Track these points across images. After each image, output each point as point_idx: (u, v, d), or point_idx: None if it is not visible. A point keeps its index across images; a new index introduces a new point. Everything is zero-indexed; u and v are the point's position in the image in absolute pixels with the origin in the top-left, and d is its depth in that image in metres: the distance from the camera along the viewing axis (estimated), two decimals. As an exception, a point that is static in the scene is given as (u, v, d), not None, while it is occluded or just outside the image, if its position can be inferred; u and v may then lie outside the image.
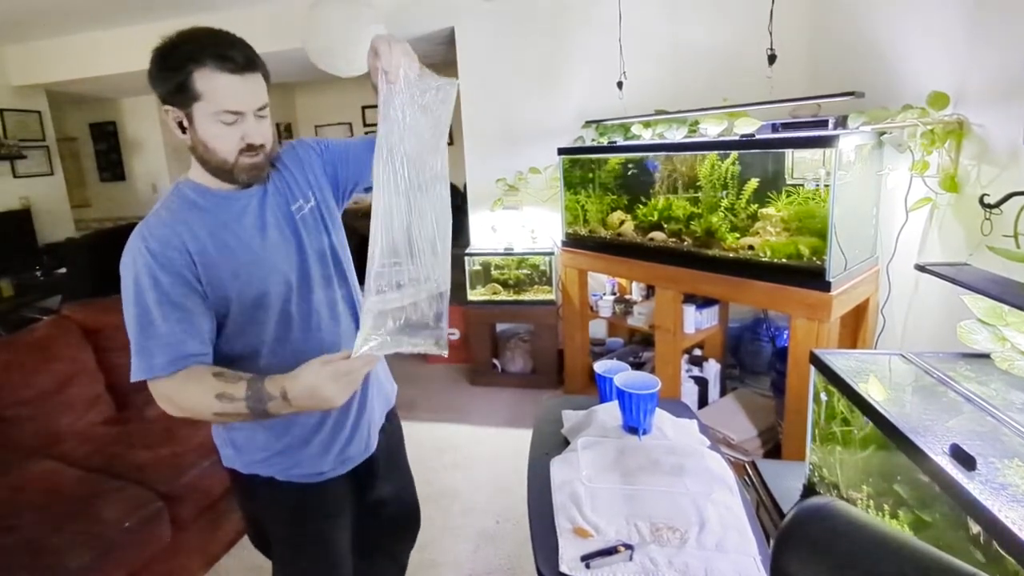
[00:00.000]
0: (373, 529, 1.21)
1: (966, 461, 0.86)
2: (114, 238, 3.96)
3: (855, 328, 2.15)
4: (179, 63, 0.84)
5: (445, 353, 0.86)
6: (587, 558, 0.88)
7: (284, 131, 6.89)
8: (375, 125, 0.89)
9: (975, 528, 0.83)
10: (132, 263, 0.87)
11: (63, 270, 3.79)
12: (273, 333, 0.94)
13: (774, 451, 2.25)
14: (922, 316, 1.93)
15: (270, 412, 0.81)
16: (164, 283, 0.85)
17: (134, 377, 0.86)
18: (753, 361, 2.86)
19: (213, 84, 0.84)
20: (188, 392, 0.84)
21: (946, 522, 0.92)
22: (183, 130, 0.88)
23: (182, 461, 1.73)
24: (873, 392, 1.13)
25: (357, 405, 1.05)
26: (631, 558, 0.88)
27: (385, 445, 1.15)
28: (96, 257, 3.65)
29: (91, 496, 1.55)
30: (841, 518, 0.48)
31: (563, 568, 0.87)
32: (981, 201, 1.15)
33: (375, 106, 0.89)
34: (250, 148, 0.88)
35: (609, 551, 0.89)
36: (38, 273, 3.84)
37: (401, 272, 0.83)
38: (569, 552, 0.90)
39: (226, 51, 0.85)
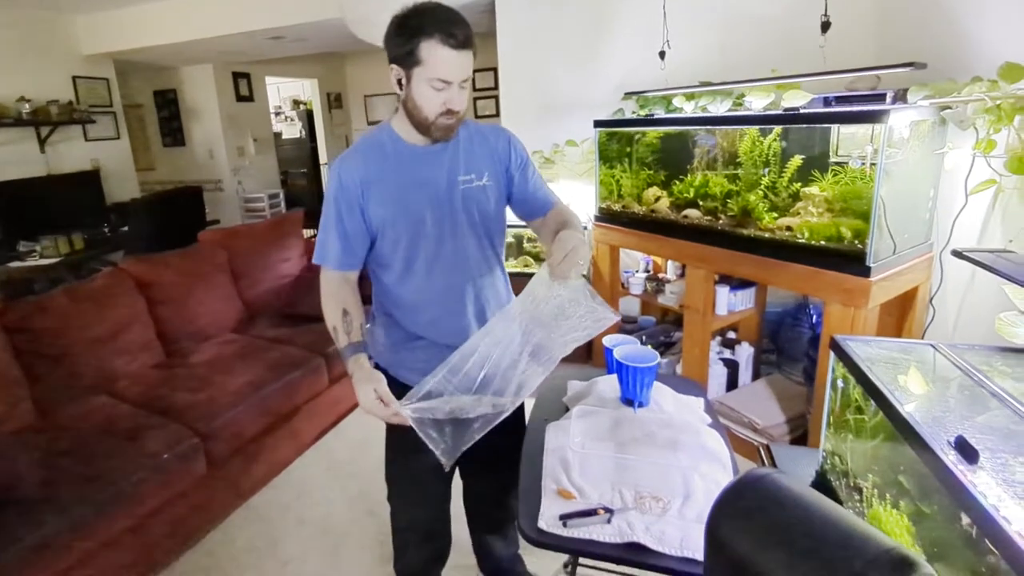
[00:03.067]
0: (474, 464, 1.30)
1: (969, 453, 0.84)
2: (172, 200, 4.27)
3: (900, 318, 2.04)
4: (412, 33, 0.99)
5: (444, 463, 0.97)
6: (565, 517, 0.92)
7: (334, 100, 7.07)
8: None
9: (966, 520, 0.81)
10: (331, 179, 1.13)
11: (126, 228, 4.12)
12: (403, 262, 1.15)
13: (801, 439, 2.20)
14: (977, 308, 1.81)
15: (345, 366, 1.10)
16: (342, 205, 1.11)
17: (313, 260, 1.16)
18: (791, 347, 2.76)
19: (434, 55, 0.99)
20: (326, 302, 1.13)
21: (943, 515, 0.90)
22: (400, 87, 1.06)
23: (217, 404, 1.90)
24: (896, 381, 1.09)
25: (450, 344, 1.16)
26: (609, 521, 0.91)
27: None
28: (155, 216, 3.94)
29: (139, 429, 1.74)
30: (777, 489, 0.49)
31: (541, 524, 0.91)
32: None
33: None
34: (449, 112, 1.05)
35: (588, 512, 0.92)
36: (106, 229, 4.19)
37: (448, 389, 0.99)
38: (550, 511, 0.94)
39: (451, 28, 0.99)
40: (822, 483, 1.37)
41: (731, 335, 2.76)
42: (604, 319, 0.98)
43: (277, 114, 7.32)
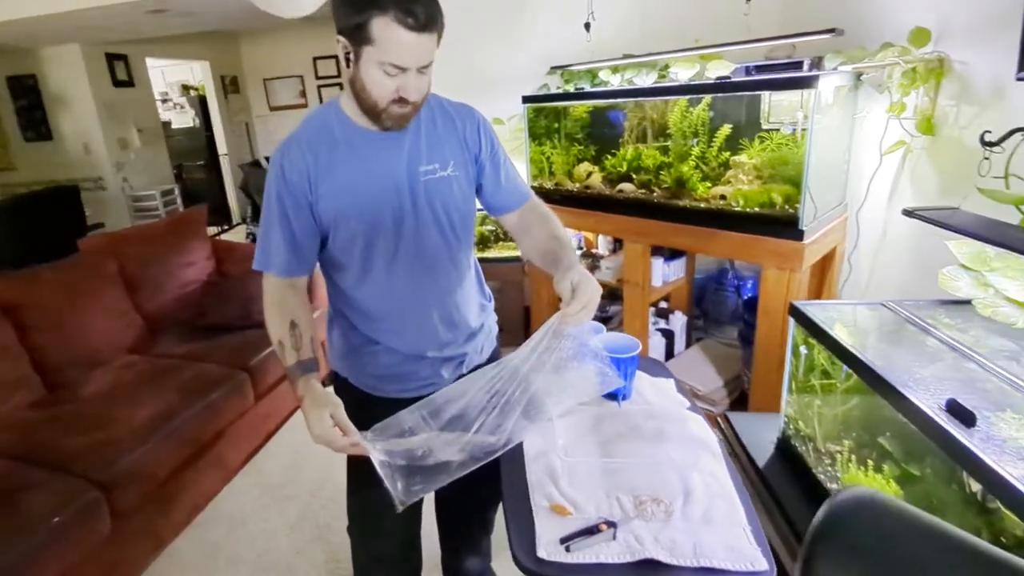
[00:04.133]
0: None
1: (965, 417, 0.80)
2: (39, 203, 3.57)
3: (821, 277, 2.10)
4: (364, 4, 0.80)
5: (397, 506, 0.85)
6: (567, 540, 0.78)
7: (230, 85, 6.30)
8: (328, 78, 0.85)
9: (974, 485, 0.77)
10: (272, 171, 0.94)
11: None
12: (358, 264, 0.97)
13: (740, 400, 2.23)
14: (889, 264, 1.88)
15: (292, 389, 0.92)
16: (287, 202, 0.93)
17: (254, 266, 0.98)
18: (718, 311, 2.82)
19: (388, 35, 0.81)
20: (270, 313, 0.95)
21: (937, 477, 0.87)
22: (348, 63, 0.87)
23: (120, 445, 1.55)
24: (854, 342, 1.05)
25: (414, 353, 1.04)
26: (614, 536, 0.79)
27: None
28: (19, 224, 3.27)
29: (15, 489, 1.37)
30: (887, 515, 0.38)
31: (541, 553, 0.77)
32: (981, 139, 1.06)
33: (329, 57, 0.82)
34: (402, 101, 0.87)
35: (591, 530, 0.79)
36: (-45, 243, 3.41)
37: (425, 429, 0.86)
38: (547, 534, 0.80)
39: (411, 5, 0.80)
40: (785, 448, 1.35)
41: (663, 305, 2.76)
42: (607, 382, 0.90)
43: (164, 101, 6.41)
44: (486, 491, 1.25)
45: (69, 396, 1.80)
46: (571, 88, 2.49)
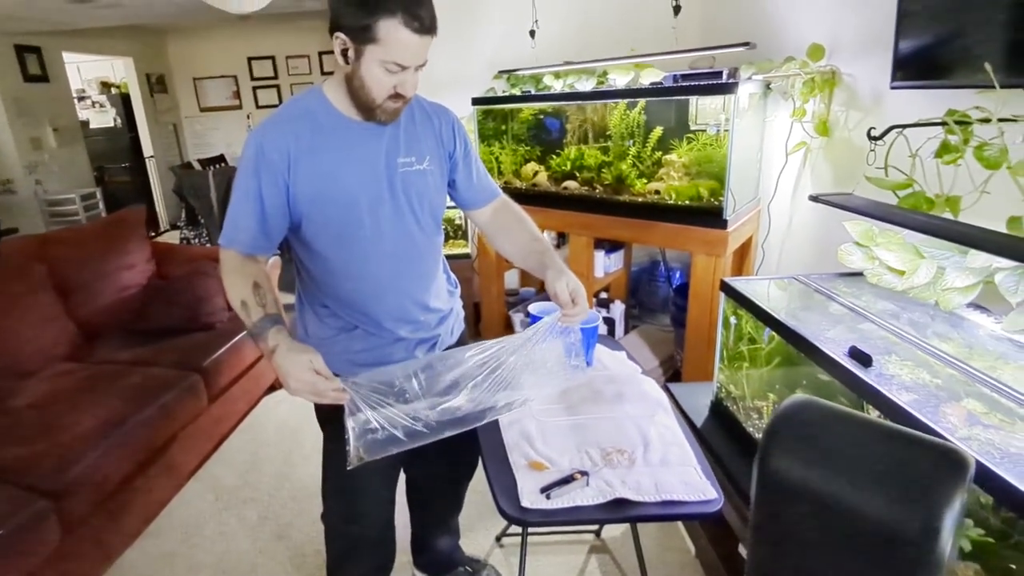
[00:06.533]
0: (424, 458, 1.12)
1: (863, 360, 0.94)
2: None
3: (740, 263, 2.31)
4: (372, 6, 0.82)
5: (351, 459, 0.85)
6: (546, 489, 0.84)
7: (156, 83, 5.84)
8: (264, 79, 0.87)
9: (873, 412, 0.91)
10: (249, 148, 0.92)
11: None
12: (334, 251, 0.97)
13: (673, 377, 2.40)
14: (795, 248, 2.11)
15: (259, 347, 0.88)
16: (263, 178, 0.91)
17: (219, 241, 0.95)
18: (650, 300, 3.01)
19: (395, 36, 0.83)
20: (231, 279, 0.92)
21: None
22: (345, 59, 0.87)
23: (67, 453, 1.42)
24: (775, 309, 1.19)
25: (389, 337, 1.04)
26: (588, 483, 0.86)
27: None
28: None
29: (-51, 505, 1.23)
30: (818, 410, 0.47)
31: (524, 502, 0.82)
32: (868, 134, 1.24)
33: (265, 58, 0.83)
34: (397, 96, 0.89)
35: (567, 480, 0.86)
36: None
37: (409, 391, 0.87)
38: (528, 486, 0.85)
39: (417, 9, 0.83)
40: (718, 410, 1.49)
41: (603, 295, 2.90)
42: (579, 373, 0.98)
43: (81, 99, 5.83)
44: (458, 469, 1.29)
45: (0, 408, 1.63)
46: (517, 91, 2.56)
